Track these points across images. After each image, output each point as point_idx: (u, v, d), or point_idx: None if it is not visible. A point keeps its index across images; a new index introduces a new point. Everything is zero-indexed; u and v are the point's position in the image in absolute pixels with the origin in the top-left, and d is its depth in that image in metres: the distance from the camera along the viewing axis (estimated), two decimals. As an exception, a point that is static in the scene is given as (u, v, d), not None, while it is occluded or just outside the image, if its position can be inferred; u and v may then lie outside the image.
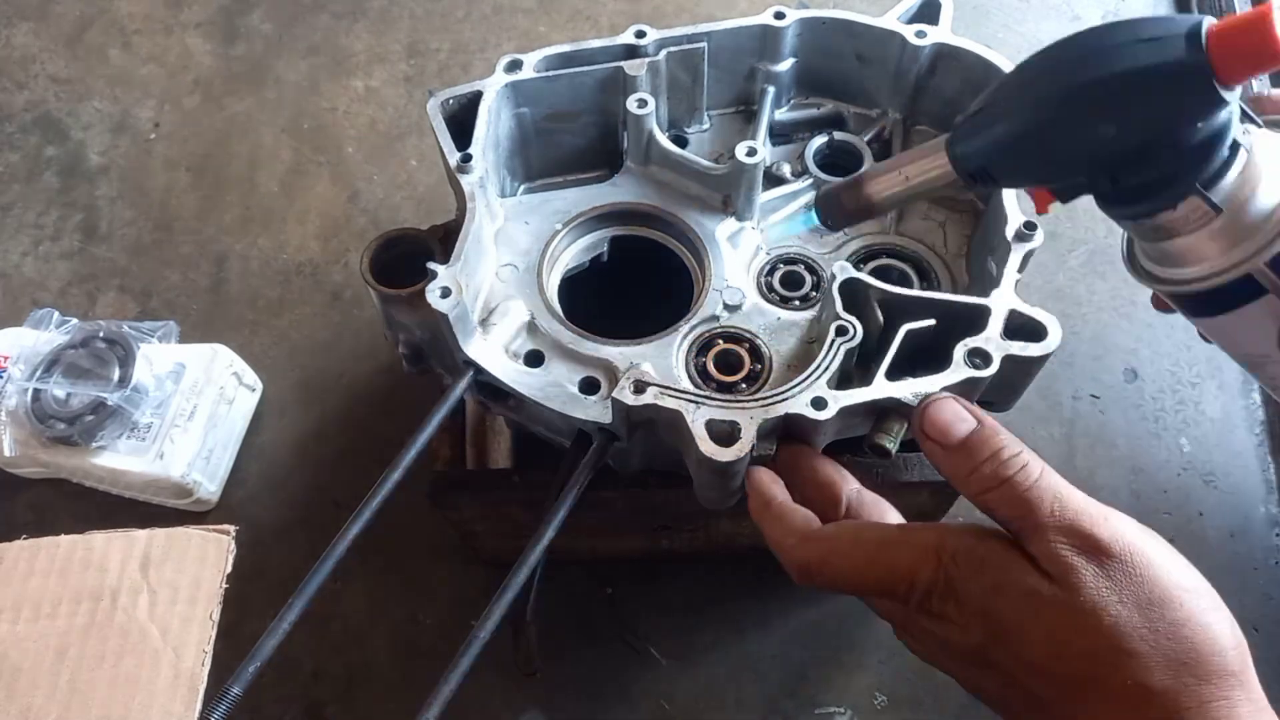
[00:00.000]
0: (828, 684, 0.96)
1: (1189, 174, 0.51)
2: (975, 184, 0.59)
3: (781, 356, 0.77)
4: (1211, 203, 0.51)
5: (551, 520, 0.70)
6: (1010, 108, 0.55)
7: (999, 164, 0.56)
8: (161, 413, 1.02)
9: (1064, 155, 0.53)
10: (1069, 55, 0.53)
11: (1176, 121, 0.49)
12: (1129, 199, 0.54)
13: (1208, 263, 0.54)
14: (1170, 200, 0.52)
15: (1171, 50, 0.48)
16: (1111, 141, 0.51)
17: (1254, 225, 0.52)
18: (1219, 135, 0.50)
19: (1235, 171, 0.52)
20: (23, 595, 0.82)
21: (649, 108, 0.82)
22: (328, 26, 1.44)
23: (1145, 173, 0.51)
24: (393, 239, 0.80)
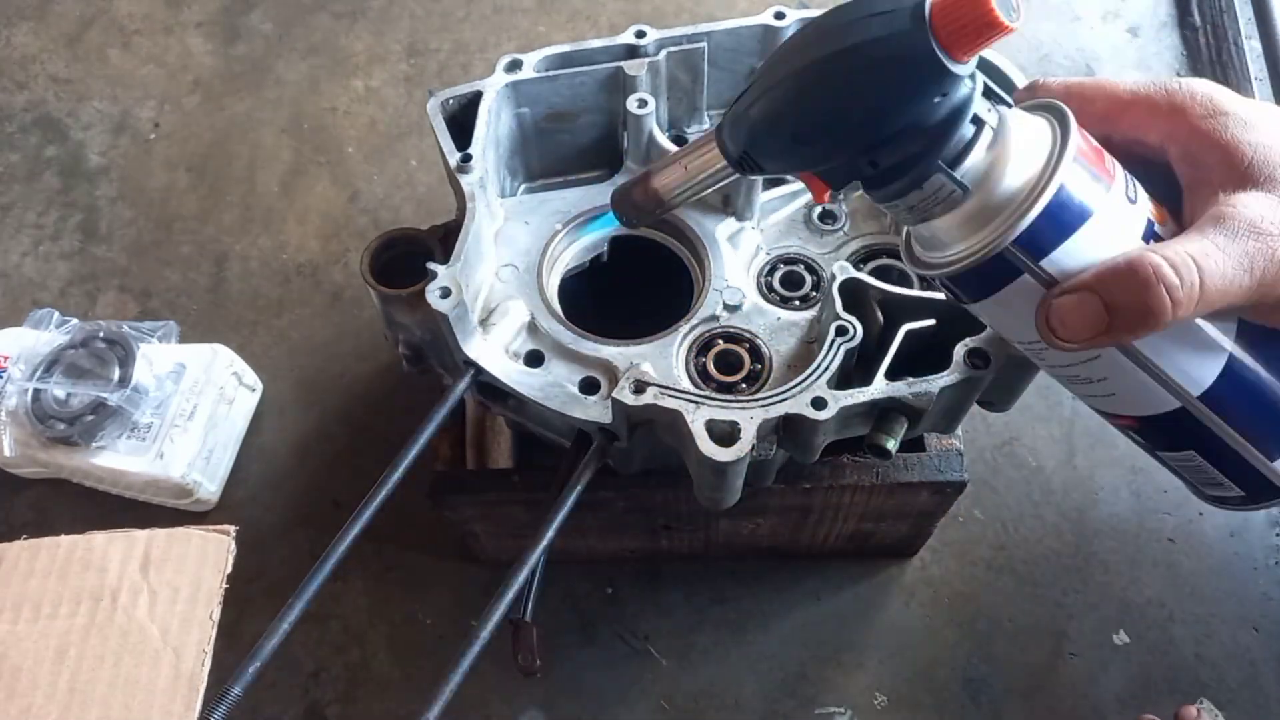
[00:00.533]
0: (828, 684, 0.97)
1: (931, 152, 0.51)
2: (744, 170, 0.58)
3: (781, 356, 0.77)
4: (957, 181, 0.51)
5: (551, 520, 0.70)
6: (758, 90, 0.54)
7: (758, 148, 0.56)
8: (161, 413, 1.02)
9: (809, 135, 0.53)
10: (808, 33, 0.52)
11: (908, 95, 0.49)
12: (883, 181, 0.53)
13: (962, 243, 0.54)
14: (916, 180, 0.52)
15: (897, 22, 0.48)
16: (847, 118, 0.51)
17: (1002, 204, 0.51)
18: (958, 112, 0.50)
19: (981, 150, 0.51)
20: (23, 595, 0.82)
21: (649, 108, 0.82)
22: (328, 26, 1.44)
23: (893, 153, 0.51)
24: (393, 239, 0.80)
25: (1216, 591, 1.00)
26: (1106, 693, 0.95)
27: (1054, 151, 0.52)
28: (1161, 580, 1.01)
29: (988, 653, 0.98)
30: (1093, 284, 0.51)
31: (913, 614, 1.00)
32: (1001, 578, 1.01)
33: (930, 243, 0.56)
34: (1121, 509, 1.04)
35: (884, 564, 1.02)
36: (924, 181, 0.52)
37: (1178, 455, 0.61)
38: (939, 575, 1.02)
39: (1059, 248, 0.51)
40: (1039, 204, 0.50)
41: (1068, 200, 0.51)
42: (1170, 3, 1.42)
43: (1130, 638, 0.98)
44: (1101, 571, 1.01)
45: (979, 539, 1.03)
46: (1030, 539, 1.03)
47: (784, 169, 0.59)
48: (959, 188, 0.51)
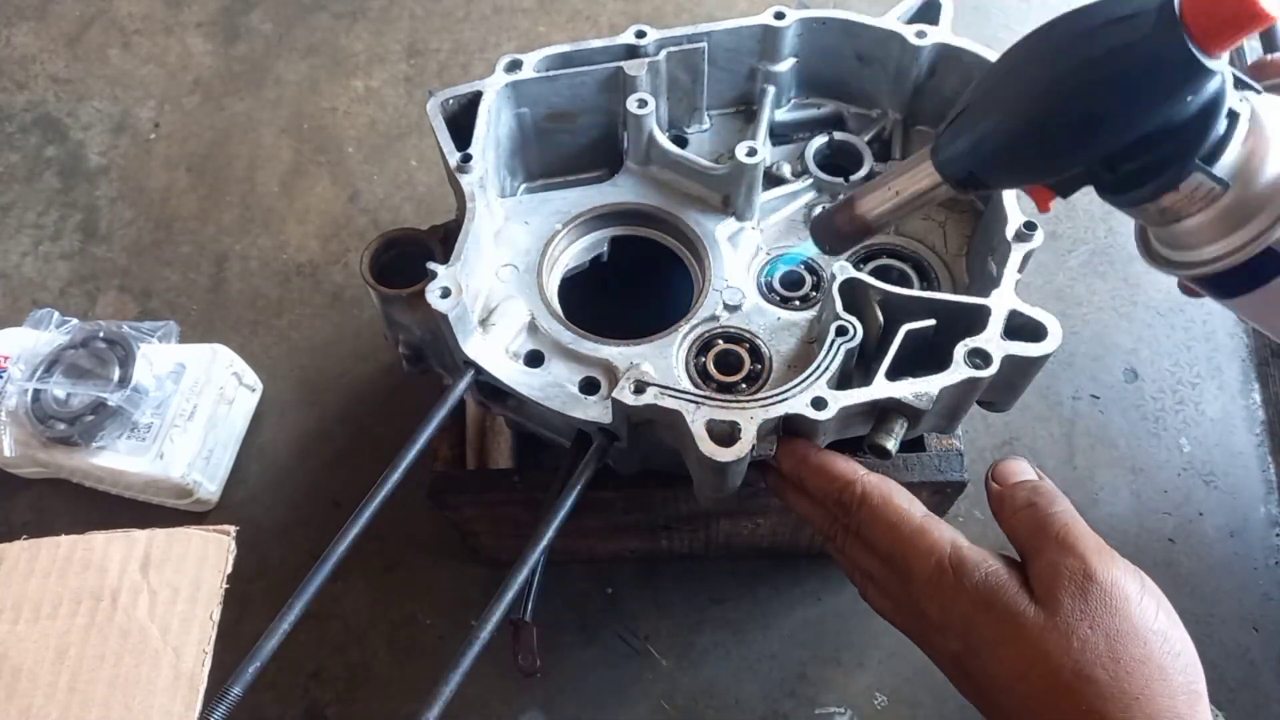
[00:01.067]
0: (828, 684, 0.97)
1: (1187, 151, 0.49)
2: (966, 190, 0.57)
3: (781, 356, 0.77)
4: (1215, 178, 0.49)
5: (551, 520, 0.70)
6: (988, 108, 0.52)
7: (985, 167, 0.54)
8: (161, 413, 1.02)
9: (1051, 150, 0.51)
10: (1043, 46, 0.51)
11: (1163, 98, 0.47)
12: (1130, 185, 0.51)
13: (1223, 241, 0.51)
14: (1172, 181, 0.50)
15: (1145, 25, 0.46)
16: (1098, 129, 0.49)
17: (1266, 196, 0.49)
18: (1212, 107, 0.48)
19: (1237, 142, 0.49)
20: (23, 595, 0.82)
21: (649, 108, 0.82)
22: (328, 26, 1.44)
23: (1142, 156, 0.49)
24: (393, 239, 0.80)
25: (1216, 591, 1.00)
26: (1106, 693, 0.95)
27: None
28: (1161, 580, 0.99)
29: (988, 653, 0.98)
30: None
31: (913, 614, 1.00)
32: (1001, 578, 1.01)
33: (1179, 241, 0.54)
34: (1121, 509, 1.04)
35: (884, 564, 1.02)
36: (1180, 182, 0.50)
37: None
38: (939, 575, 1.02)
39: None
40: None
41: None
42: (1170, 3, 1.42)
43: (1130, 638, 0.98)
44: (1101, 571, 1.01)
45: (979, 539, 1.02)
46: (1030, 539, 1.03)
47: (1015, 185, 0.58)
48: (1219, 184, 0.49)
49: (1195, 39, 0.45)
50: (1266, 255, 0.50)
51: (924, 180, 0.59)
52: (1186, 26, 0.45)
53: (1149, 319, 1.15)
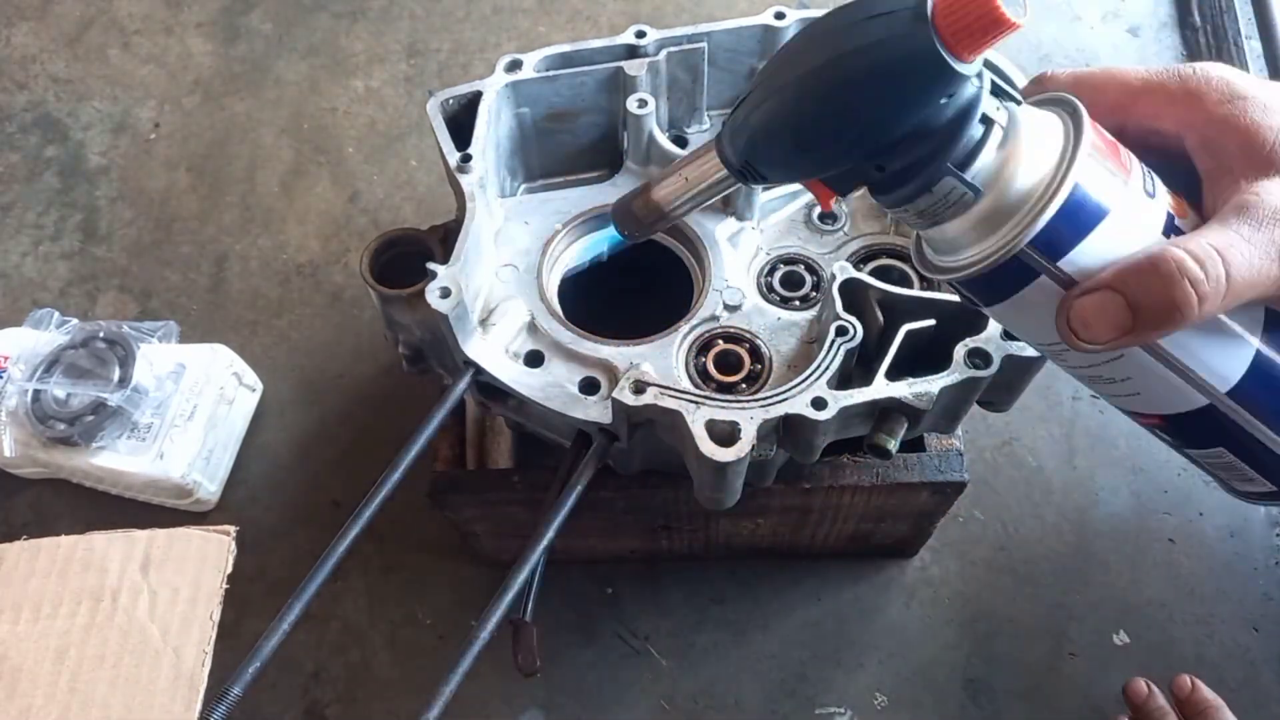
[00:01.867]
0: (828, 684, 0.97)
1: (939, 154, 0.49)
2: (747, 180, 0.57)
3: (781, 356, 0.77)
4: (967, 183, 0.49)
5: (551, 520, 0.70)
6: (758, 98, 0.52)
7: (760, 158, 0.54)
8: (161, 413, 1.02)
9: (810, 143, 0.51)
10: (807, 36, 0.51)
11: (914, 98, 0.47)
12: (891, 186, 0.51)
13: (975, 247, 0.52)
14: (925, 184, 0.50)
15: (898, 23, 0.46)
16: (852, 125, 0.49)
17: (1015, 205, 0.50)
18: (966, 111, 0.48)
19: (991, 149, 0.49)
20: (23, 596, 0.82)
21: (649, 108, 0.82)
22: (328, 27, 1.44)
23: (900, 157, 0.49)
24: (393, 239, 0.80)
25: (1216, 591, 1.00)
26: (1106, 693, 0.95)
27: (1067, 147, 0.50)
28: (1161, 580, 1.01)
29: (988, 653, 0.98)
30: (1114, 282, 0.49)
31: (913, 614, 1.00)
32: (1001, 578, 1.01)
33: (942, 246, 0.55)
34: (1121, 509, 1.04)
35: (884, 564, 1.02)
36: (933, 185, 0.50)
37: (1207, 452, 0.60)
38: (939, 575, 1.02)
39: (1077, 247, 0.49)
40: (1054, 203, 0.49)
41: (1084, 197, 0.49)
42: (1170, 3, 1.42)
43: (1130, 638, 0.98)
44: (1101, 571, 1.01)
45: (979, 539, 1.03)
46: (1030, 539, 1.03)
47: (787, 178, 0.57)
48: (970, 190, 0.50)
49: (945, 41, 0.45)
50: (1014, 263, 0.50)
51: (710, 168, 0.59)
52: (937, 28, 0.45)
53: (1149, 319, 1.15)
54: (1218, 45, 1.36)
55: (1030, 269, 0.50)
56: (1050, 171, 0.50)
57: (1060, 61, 1.37)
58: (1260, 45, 1.33)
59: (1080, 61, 1.37)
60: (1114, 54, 1.37)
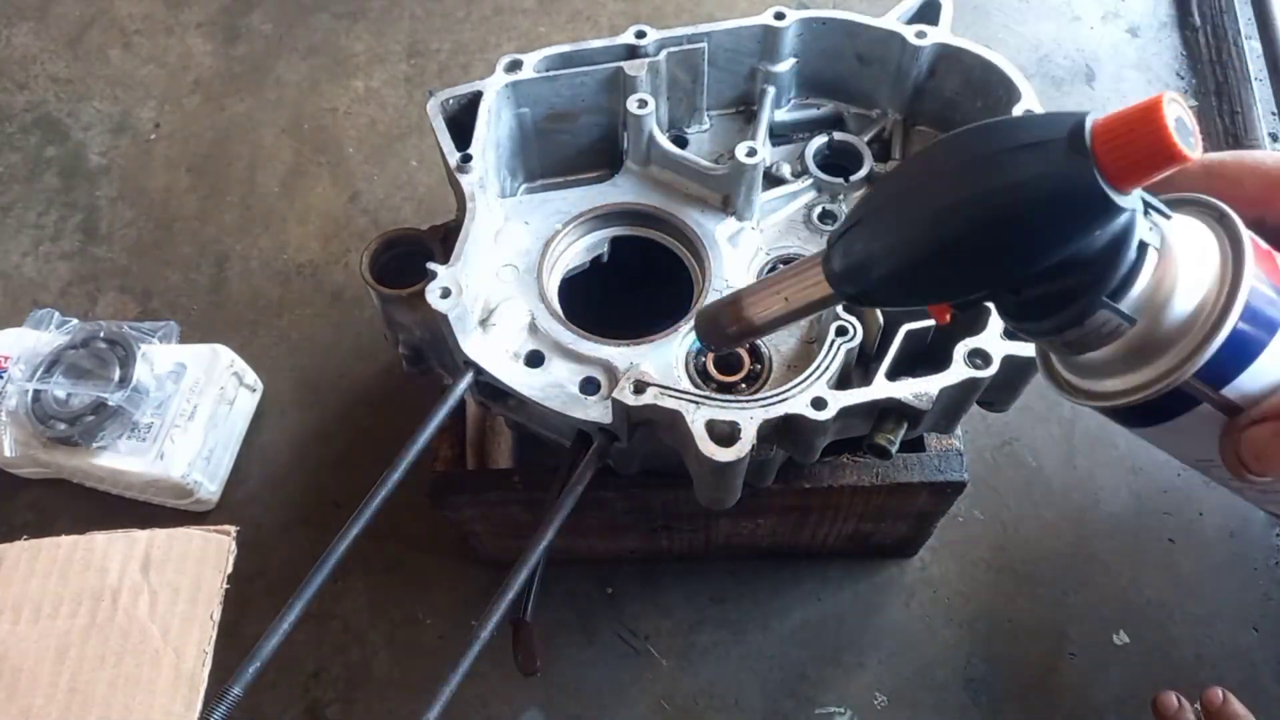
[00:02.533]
0: (828, 684, 0.97)
1: (1094, 286, 0.45)
2: (859, 304, 0.53)
3: (781, 357, 0.77)
4: (1122, 314, 0.45)
5: (552, 520, 0.70)
6: (883, 229, 0.48)
7: (877, 289, 0.50)
8: (162, 413, 1.02)
9: (947, 278, 0.48)
10: (944, 167, 0.47)
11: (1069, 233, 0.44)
12: (1033, 314, 0.48)
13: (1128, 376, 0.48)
14: (1076, 316, 0.46)
15: (1055, 156, 0.42)
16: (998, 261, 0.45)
17: (1175, 332, 0.46)
18: (1122, 240, 0.44)
19: (1146, 276, 0.45)
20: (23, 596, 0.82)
21: (649, 108, 0.82)
22: (328, 27, 1.44)
23: (1046, 285, 0.46)
24: (393, 239, 0.80)
25: (1216, 591, 1.00)
26: (1106, 693, 0.95)
27: (1227, 267, 0.46)
28: (1161, 580, 1.01)
29: (988, 653, 0.98)
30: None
31: (913, 614, 1.00)
32: (1001, 578, 1.01)
33: (1085, 370, 0.51)
34: (1121, 509, 1.04)
35: (884, 564, 1.02)
36: (1085, 319, 0.46)
37: None
38: (939, 575, 1.02)
39: (1244, 373, 0.46)
40: (1221, 333, 0.44)
41: (1251, 321, 0.45)
42: (1170, 3, 1.42)
43: (1130, 638, 0.98)
44: (1101, 571, 1.01)
45: (979, 539, 1.03)
46: (1030, 539, 1.03)
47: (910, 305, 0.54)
48: (1126, 321, 0.46)
49: (1106, 174, 0.42)
50: (1175, 394, 0.47)
51: (815, 291, 0.54)
52: (1099, 164, 0.42)
53: (1149, 319, 1.15)
54: (1217, 45, 1.36)
55: (1191, 398, 0.47)
56: (1213, 296, 0.46)
57: (1060, 61, 1.37)
58: (1260, 45, 1.33)
59: (1080, 61, 1.37)
60: (1114, 54, 1.37)
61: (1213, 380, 0.46)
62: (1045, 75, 1.35)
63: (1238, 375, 0.46)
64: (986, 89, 0.82)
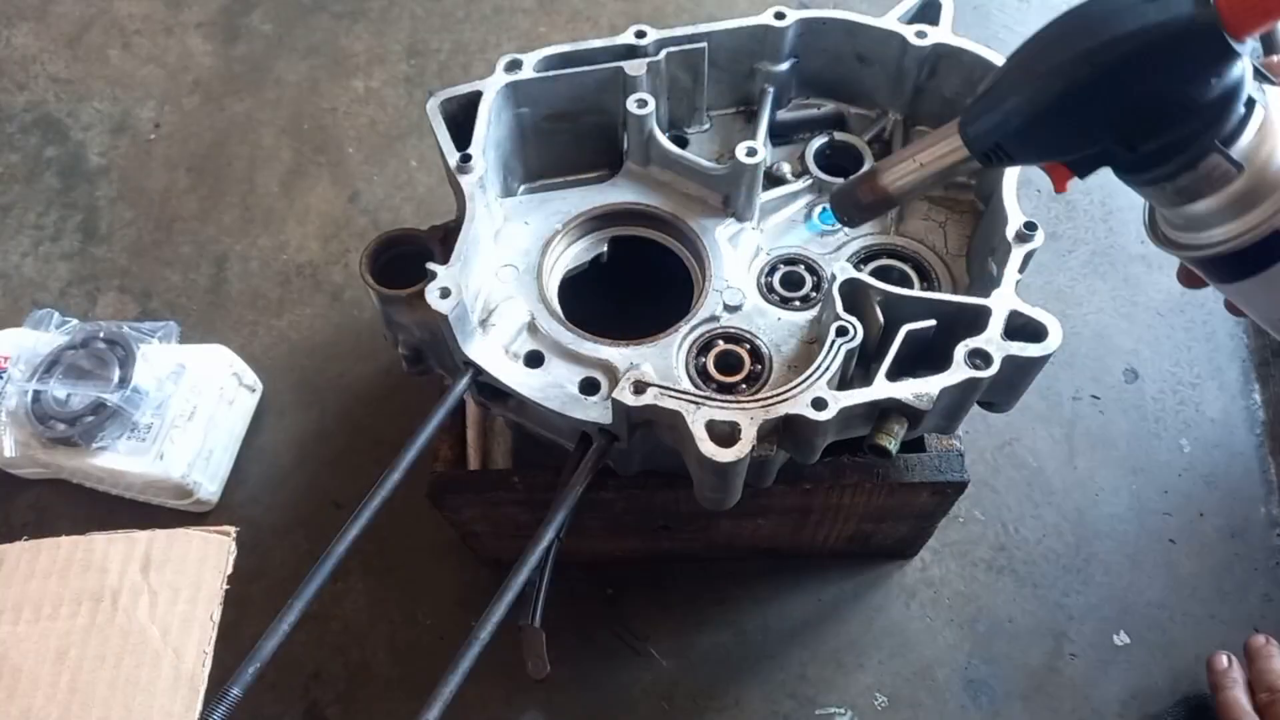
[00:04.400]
0: (828, 684, 0.97)
1: (1206, 132, 0.50)
2: (990, 163, 0.58)
3: (782, 357, 0.77)
4: (1232, 160, 0.51)
5: (552, 521, 0.70)
6: (1019, 81, 0.53)
7: (1013, 140, 0.55)
8: (161, 413, 1.02)
9: (1077, 124, 0.52)
10: (1075, 23, 0.52)
11: (1189, 79, 0.49)
12: (1148, 164, 0.53)
13: (1232, 224, 0.53)
14: (1190, 161, 0.52)
15: (1178, 6, 0.48)
16: (1125, 105, 0.50)
17: (1276, 181, 0.51)
18: (1234, 90, 0.49)
19: (1254, 128, 0.51)
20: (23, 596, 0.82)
21: (649, 108, 0.82)
22: (328, 27, 1.44)
23: (1162, 135, 0.51)
24: (392, 239, 0.80)
25: (1217, 592, 1.00)
26: (1106, 693, 0.95)
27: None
28: (1161, 580, 1.01)
29: (988, 653, 0.98)
30: None
31: (913, 614, 1.00)
32: (1001, 578, 1.01)
33: (1189, 223, 0.55)
34: (1121, 509, 1.04)
35: (884, 564, 1.02)
36: (1199, 162, 0.51)
37: None
38: (939, 575, 1.02)
39: None
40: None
41: None
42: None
43: (1130, 638, 0.98)
44: (1101, 572, 1.01)
45: (979, 539, 1.03)
46: (1030, 539, 1.03)
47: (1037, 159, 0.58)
48: (1235, 166, 0.51)
49: (1228, 24, 0.47)
50: (1272, 239, 0.52)
51: (949, 153, 0.59)
52: (1219, 9, 0.46)
53: (1149, 319, 1.15)
54: (1218, 45, 1.35)
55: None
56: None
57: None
58: (1259, 45, 1.33)
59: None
60: (1114, 54, 1.37)
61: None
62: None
63: None
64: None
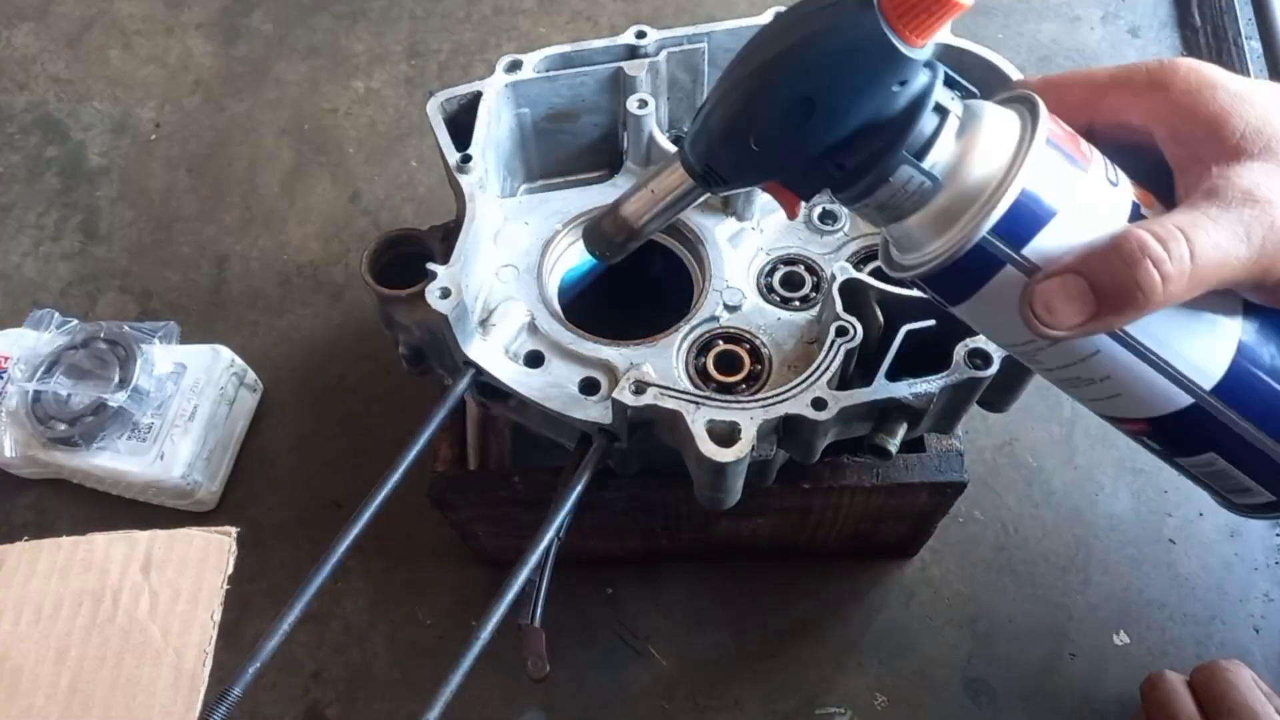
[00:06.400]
0: (828, 684, 0.97)
1: (895, 144, 0.49)
2: (711, 186, 0.56)
3: (782, 357, 0.77)
4: (925, 171, 0.49)
5: (552, 521, 0.70)
6: (715, 99, 0.52)
7: (719, 161, 0.53)
8: (162, 413, 1.03)
9: (770, 140, 0.50)
10: (761, 35, 0.51)
11: (865, 85, 0.47)
12: (851, 180, 0.51)
13: (938, 240, 0.51)
14: (882, 175, 0.50)
15: (846, 9, 0.46)
16: (806, 118, 0.49)
17: (975, 193, 0.50)
18: (919, 100, 0.49)
19: (949, 139, 0.50)
20: (24, 597, 0.82)
21: (649, 108, 0.82)
22: (328, 27, 1.44)
23: (856, 151, 0.50)
24: (393, 239, 0.80)
25: (1217, 592, 1.00)
26: (1106, 693, 0.95)
27: (1024, 135, 0.50)
28: (1161, 580, 1.01)
29: (988, 653, 0.98)
30: (1075, 265, 0.48)
31: (913, 614, 1.00)
32: (1001, 578, 1.01)
33: (906, 244, 0.54)
34: (1121, 509, 1.04)
35: (884, 564, 1.02)
36: (890, 175, 0.50)
37: (1197, 460, 0.58)
38: (939, 575, 1.02)
39: (1039, 233, 0.49)
40: (1013, 188, 0.48)
41: (1043, 183, 0.49)
42: (1170, 3, 1.42)
43: (1130, 638, 0.98)
44: (1101, 572, 1.01)
45: (979, 539, 1.03)
46: (1030, 539, 1.03)
47: (749, 180, 0.57)
48: (928, 179, 0.50)
49: (892, 24, 0.45)
50: (977, 253, 0.50)
51: (674, 178, 0.58)
52: (883, 11, 0.45)
53: (1149, 319, 1.15)
54: (1218, 45, 1.36)
55: (994, 258, 0.50)
56: (1008, 159, 0.50)
57: (1060, 63, 1.37)
58: (1260, 45, 1.33)
59: (1080, 61, 1.37)
60: (1114, 54, 1.37)
61: (1011, 238, 0.49)
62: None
63: (1034, 235, 0.49)
64: (987, 89, 0.82)
